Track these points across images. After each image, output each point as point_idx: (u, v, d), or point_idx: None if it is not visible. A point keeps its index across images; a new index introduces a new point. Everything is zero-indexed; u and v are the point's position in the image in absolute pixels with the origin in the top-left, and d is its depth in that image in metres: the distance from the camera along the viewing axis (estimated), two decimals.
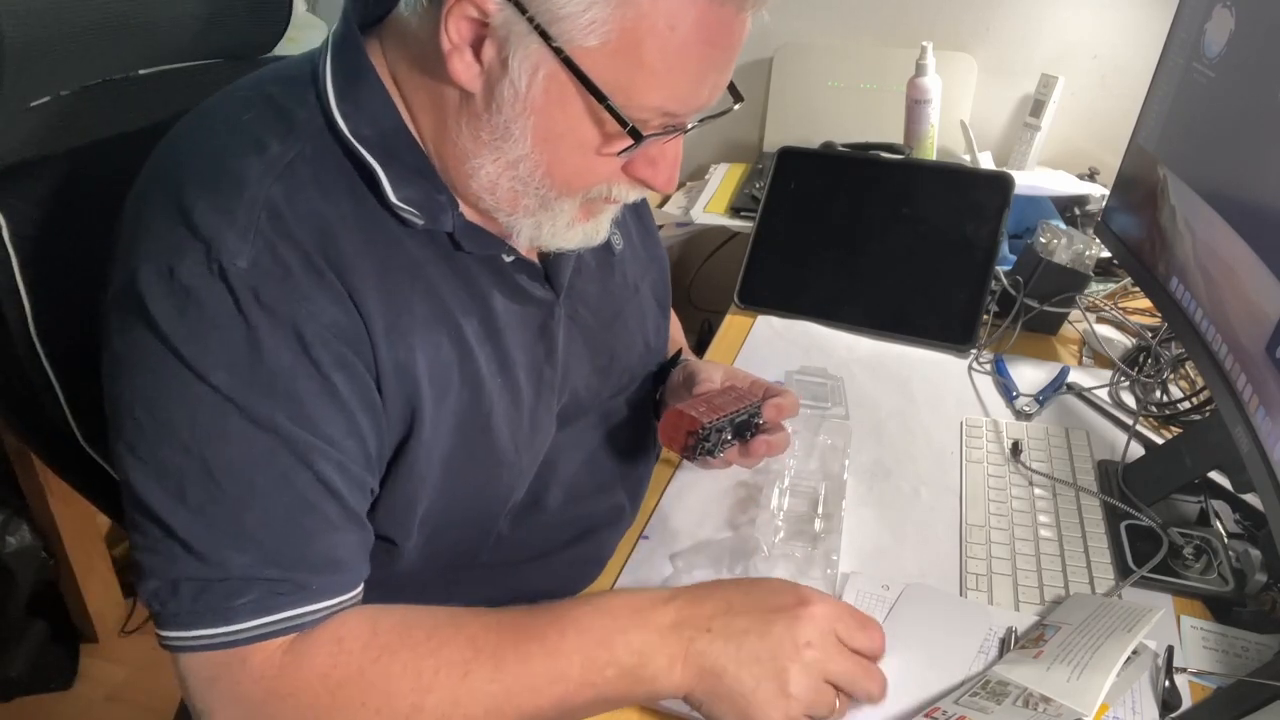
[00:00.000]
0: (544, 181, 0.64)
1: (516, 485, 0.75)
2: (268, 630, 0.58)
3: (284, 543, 0.58)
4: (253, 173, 0.60)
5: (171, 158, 0.64)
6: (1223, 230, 0.83)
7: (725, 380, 0.87)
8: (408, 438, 0.65)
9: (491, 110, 0.61)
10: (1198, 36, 0.94)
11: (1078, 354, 1.19)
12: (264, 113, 0.63)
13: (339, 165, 0.63)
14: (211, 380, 0.57)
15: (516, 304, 0.72)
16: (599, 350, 0.82)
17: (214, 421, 0.57)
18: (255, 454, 0.58)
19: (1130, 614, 0.72)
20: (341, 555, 0.61)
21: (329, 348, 0.59)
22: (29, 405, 0.76)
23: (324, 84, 0.64)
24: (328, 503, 0.60)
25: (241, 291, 0.57)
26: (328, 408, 0.60)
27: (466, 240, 0.68)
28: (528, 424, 0.74)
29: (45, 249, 0.72)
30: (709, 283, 1.83)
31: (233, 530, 0.57)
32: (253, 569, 0.57)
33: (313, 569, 0.60)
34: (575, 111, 0.61)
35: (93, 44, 0.74)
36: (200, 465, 0.57)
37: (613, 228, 0.84)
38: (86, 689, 1.68)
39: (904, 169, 1.32)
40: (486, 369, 0.69)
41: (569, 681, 0.61)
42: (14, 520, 1.60)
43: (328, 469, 0.59)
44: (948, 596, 0.79)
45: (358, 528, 0.62)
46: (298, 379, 0.58)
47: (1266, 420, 0.72)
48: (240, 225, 0.58)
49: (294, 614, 0.59)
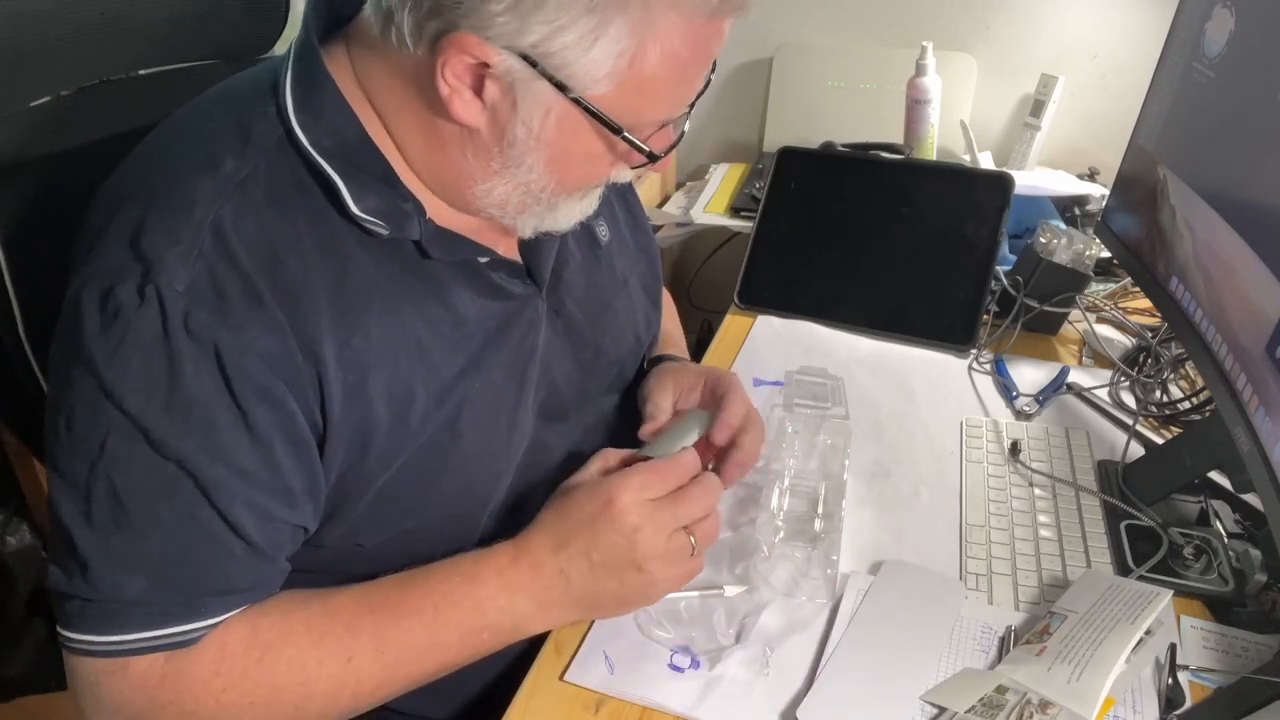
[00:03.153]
0: (556, 191, 0.67)
1: (494, 487, 0.74)
2: (152, 644, 0.59)
3: (180, 571, 0.59)
4: (203, 192, 0.59)
5: (132, 173, 0.65)
6: (1223, 230, 0.83)
7: (676, 397, 0.85)
8: (362, 456, 0.65)
9: (503, 145, 0.63)
10: (1198, 36, 0.94)
11: (1078, 354, 1.19)
12: (224, 125, 0.63)
13: (296, 180, 0.62)
14: (125, 405, 0.56)
15: (496, 301, 0.72)
16: (583, 344, 0.81)
17: (123, 447, 0.57)
18: (159, 484, 0.58)
19: (1138, 598, 0.72)
20: (240, 584, 0.62)
21: (251, 379, 0.58)
22: (25, 407, 0.76)
23: (284, 95, 0.63)
24: (230, 537, 0.60)
25: (172, 315, 0.56)
26: (242, 440, 0.59)
27: (435, 247, 0.67)
28: (505, 424, 0.73)
29: (38, 250, 0.72)
30: (709, 283, 1.83)
31: (130, 552, 0.58)
32: (145, 594, 0.58)
33: (206, 594, 0.60)
34: (590, 140, 0.63)
35: (91, 44, 0.74)
36: (107, 487, 0.57)
37: (599, 219, 0.84)
38: None
39: (904, 169, 1.32)
40: (455, 376, 0.69)
41: (449, 650, 0.66)
42: (14, 520, 1.60)
43: (234, 504, 0.59)
44: (923, 571, 0.81)
45: (260, 560, 0.62)
46: (215, 409, 0.58)
47: (1266, 420, 0.72)
48: (184, 247, 0.58)
49: (181, 629, 0.59)
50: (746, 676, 0.71)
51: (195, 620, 0.60)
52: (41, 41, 0.70)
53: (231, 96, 0.66)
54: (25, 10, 0.68)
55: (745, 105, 1.81)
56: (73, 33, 0.72)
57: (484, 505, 0.74)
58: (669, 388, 0.86)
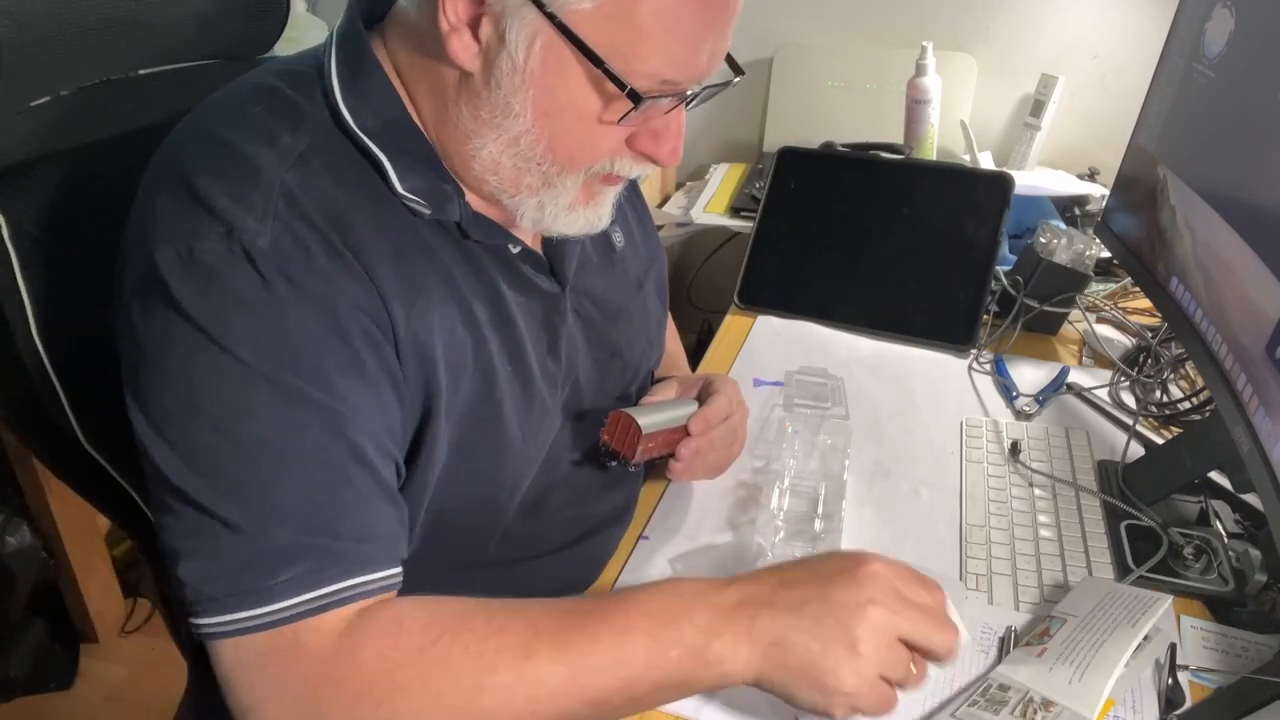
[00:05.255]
0: (546, 156, 0.65)
1: (523, 474, 0.75)
2: (315, 605, 0.56)
3: (322, 515, 0.57)
4: (266, 161, 0.60)
5: (180, 149, 0.64)
6: (1223, 230, 0.83)
7: (679, 394, 0.88)
8: (425, 418, 0.65)
9: (491, 87, 0.62)
10: (1198, 36, 0.94)
11: (1078, 354, 1.19)
12: (272, 106, 0.64)
13: (348, 156, 0.64)
14: (238, 355, 0.56)
15: (522, 295, 0.73)
16: (600, 344, 0.82)
17: (242, 397, 0.56)
18: (286, 428, 0.57)
19: (1138, 603, 0.72)
20: (380, 527, 0.60)
21: (357, 323, 0.60)
22: (29, 405, 0.76)
23: (329, 78, 0.64)
24: (362, 474, 0.59)
25: (267, 269, 0.57)
26: (356, 382, 0.59)
27: (473, 229, 0.68)
28: (537, 412, 0.74)
29: (46, 248, 0.72)
30: (709, 283, 1.83)
31: (269, 505, 0.56)
32: (293, 541, 0.56)
33: (353, 539, 0.58)
34: (574, 79, 0.61)
35: (92, 44, 0.74)
36: (232, 442, 0.56)
37: (614, 226, 0.85)
38: (86, 689, 1.68)
39: (904, 169, 1.32)
40: (498, 355, 0.70)
41: (634, 663, 0.59)
42: (14, 520, 1.60)
43: (360, 439, 0.59)
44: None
45: (392, 502, 0.61)
46: (325, 353, 0.58)
47: (1266, 420, 0.72)
48: (259, 210, 0.58)
49: (339, 587, 0.57)
50: None
51: (350, 576, 0.57)
52: (42, 41, 0.70)
53: (271, 80, 0.66)
54: (25, 10, 0.68)
55: (745, 105, 1.81)
56: (73, 33, 0.72)
57: (513, 494, 0.74)
58: (673, 385, 0.89)
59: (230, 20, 0.86)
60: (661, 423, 0.80)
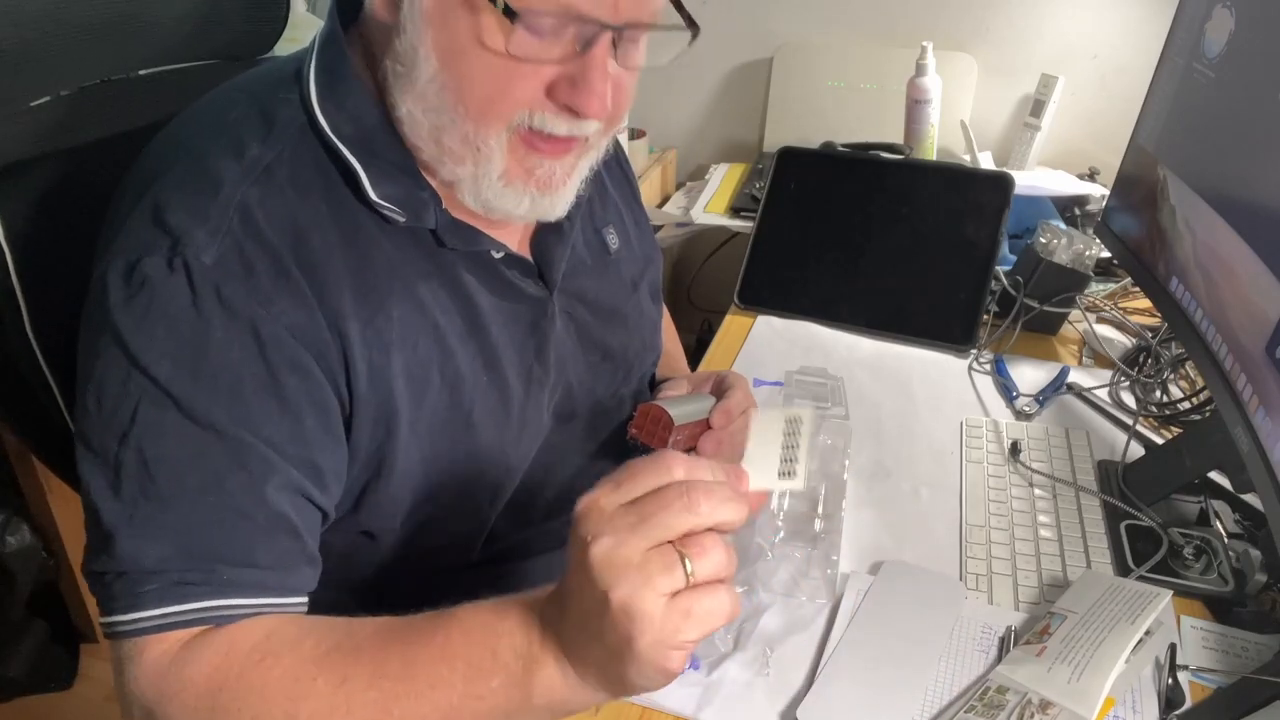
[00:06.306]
0: (458, 109, 0.61)
1: (504, 482, 0.74)
2: (170, 621, 0.56)
3: (204, 540, 0.57)
4: (229, 175, 0.60)
5: (157, 157, 0.65)
6: (1223, 230, 0.83)
7: (690, 389, 0.88)
8: (386, 438, 0.65)
9: (400, 38, 0.61)
10: (1198, 36, 0.94)
11: (1078, 354, 1.19)
12: (248, 112, 0.64)
13: (318, 165, 0.63)
14: (154, 373, 0.56)
15: (507, 301, 0.72)
16: (593, 347, 0.82)
17: (153, 415, 0.57)
18: (188, 451, 0.57)
19: (1138, 598, 0.72)
20: (265, 558, 0.59)
21: (284, 349, 0.59)
22: (28, 405, 0.76)
23: (307, 84, 0.64)
24: (254, 507, 0.59)
25: (201, 286, 0.57)
26: (272, 410, 0.59)
27: (450, 237, 0.67)
28: (516, 421, 0.73)
29: (42, 249, 0.72)
30: (709, 283, 1.83)
31: (155, 523, 0.57)
32: (164, 562, 0.56)
33: (231, 565, 0.57)
34: (464, 11, 0.59)
35: (91, 44, 0.74)
36: (136, 457, 0.57)
37: (609, 227, 0.84)
38: (86, 689, 1.68)
39: (904, 169, 1.32)
40: (469, 367, 0.69)
41: (452, 689, 0.53)
42: (14, 520, 1.60)
43: (261, 473, 0.58)
44: (923, 571, 0.81)
45: (288, 533, 0.60)
46: (245, 377, 0.58)
47: (1266, 420, 0.72)
48: (212, 225, 0.58)
49: (200, 606, 0.56)
50: (747, 677, 0.71)
51: (214, 598, 0.56)
52: (41, 41, 0.70)
53: (254, 85, 0.67)
54: (25, 10, 0.68)
55: (745, 105, 1.81)
56: (73, 33, 0.72)
57: (493, 501, 0.74)
58: (683, 383, 0.89)
59: (230, 20, 0.86)
60: (689, 414, 0.80)
